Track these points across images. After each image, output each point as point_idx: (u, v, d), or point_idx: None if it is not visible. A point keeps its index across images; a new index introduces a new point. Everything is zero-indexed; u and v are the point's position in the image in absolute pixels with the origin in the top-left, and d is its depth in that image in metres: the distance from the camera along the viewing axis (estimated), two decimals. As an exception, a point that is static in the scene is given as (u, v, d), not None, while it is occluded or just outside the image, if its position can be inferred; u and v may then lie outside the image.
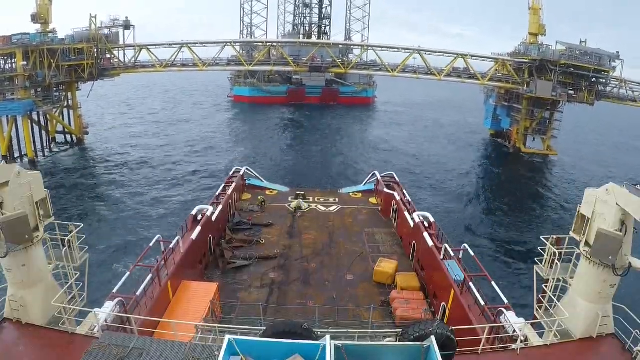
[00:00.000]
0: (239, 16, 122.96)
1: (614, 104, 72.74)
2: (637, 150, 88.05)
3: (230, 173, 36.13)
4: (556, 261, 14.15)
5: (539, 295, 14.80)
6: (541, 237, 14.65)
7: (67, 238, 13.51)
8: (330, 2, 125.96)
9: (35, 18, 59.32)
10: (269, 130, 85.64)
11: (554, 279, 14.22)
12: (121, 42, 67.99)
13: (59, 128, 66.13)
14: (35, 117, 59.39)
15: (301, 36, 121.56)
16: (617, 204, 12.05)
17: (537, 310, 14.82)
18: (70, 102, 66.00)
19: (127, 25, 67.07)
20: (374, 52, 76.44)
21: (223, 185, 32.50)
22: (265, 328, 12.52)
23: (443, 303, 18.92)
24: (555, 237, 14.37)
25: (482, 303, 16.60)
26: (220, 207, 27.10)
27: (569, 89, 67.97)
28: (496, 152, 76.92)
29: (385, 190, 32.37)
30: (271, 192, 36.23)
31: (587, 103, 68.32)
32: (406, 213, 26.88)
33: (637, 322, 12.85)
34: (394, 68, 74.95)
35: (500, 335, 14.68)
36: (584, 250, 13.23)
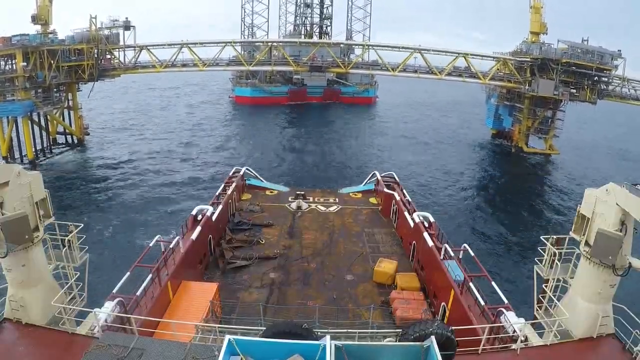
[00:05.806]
0: (240, 16, 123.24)
1: (617, 103, 72.23)
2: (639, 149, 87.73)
3: (230, 173, 36.00)
4: (556, 261, 14.15)
5: (539, 295, 14.78)
6: (541, 237, 14.63)
7: (67, 238, 13.54)
8: (332, 2, 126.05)
9: (35, 19, 59.16)
10: (269, 131, 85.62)
11: (554, 279, 14.21)
12: (121, 43, 67.91)
13: (60, 129, 66.07)
14: (35, 118, 59.33)
15: (302, 36, 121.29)
16: (617, 204, 12.03)
17: (537, 310, 14.80)
18: (70, 102, 65.95)
19: (127, 26, 66.93)
20: (375, 51, 76.24)
21: (223, 185, 32.40)
22: (265, 328, 12.53)
23: (443, 303, 18.89)
24: (555, 237, 14.35)
25: (482, 303, 16.58)
26: (220, 207, 27.06)
27: (571, 88, 67.32)
28: (498, 152, 76.80)
29: (385, 190, 32.29)
30: (271, 192, 36.23)
31: (590, 102, 67.79)
32: (406, 213, 26.81)
33: (637, 322, 12.82)
34: (395, 67, 74.75)
35: (500, 335, 14.66)
36: (584, 250, 13.21)
